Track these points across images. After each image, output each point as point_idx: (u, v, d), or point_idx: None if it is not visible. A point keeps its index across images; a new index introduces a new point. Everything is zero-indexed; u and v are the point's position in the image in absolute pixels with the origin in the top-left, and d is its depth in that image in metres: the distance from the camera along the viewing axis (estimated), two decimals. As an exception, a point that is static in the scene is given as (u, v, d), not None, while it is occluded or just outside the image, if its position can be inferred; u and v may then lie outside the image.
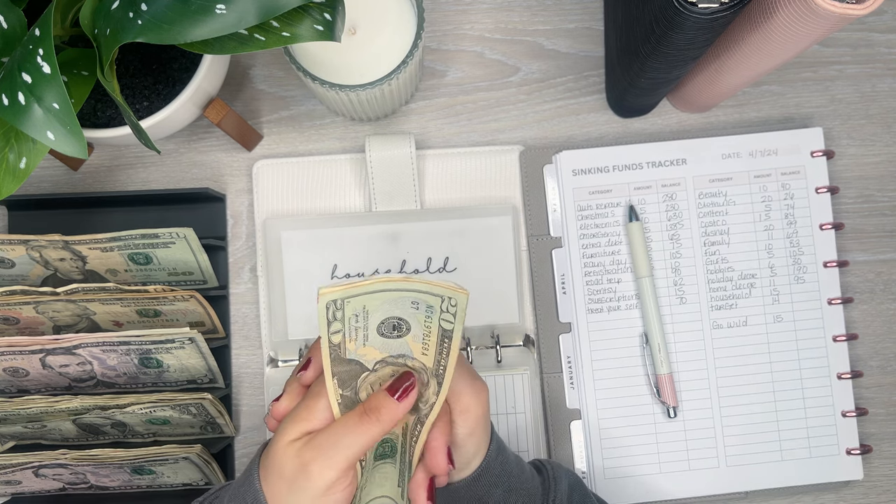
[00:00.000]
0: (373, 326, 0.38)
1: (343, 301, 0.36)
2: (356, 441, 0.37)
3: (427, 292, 0.37)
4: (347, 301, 0.36)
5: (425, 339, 0.39)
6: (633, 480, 0.56)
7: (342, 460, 0.36)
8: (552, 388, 0.57)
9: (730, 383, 0.56)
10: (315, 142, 0.60)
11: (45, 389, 0.53)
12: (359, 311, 0.37)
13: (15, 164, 0.40)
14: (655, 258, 0.57)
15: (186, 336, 0.49)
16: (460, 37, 0.61)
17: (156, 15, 0.38)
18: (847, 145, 0.60)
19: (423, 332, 0.39)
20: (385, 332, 0.38)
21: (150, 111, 0.50)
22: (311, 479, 0.36)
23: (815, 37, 0.43)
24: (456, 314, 0.38)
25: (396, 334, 0.39)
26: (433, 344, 0.39)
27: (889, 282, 0.59)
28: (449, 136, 0.60)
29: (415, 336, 0.39)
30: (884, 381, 0.59)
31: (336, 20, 0.42)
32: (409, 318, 0.38)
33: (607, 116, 0.60)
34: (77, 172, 0.59)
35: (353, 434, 0.37)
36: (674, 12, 0.41)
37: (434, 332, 0.39)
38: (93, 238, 0.50)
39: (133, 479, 0.53)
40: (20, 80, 0.37)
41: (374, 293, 0.36)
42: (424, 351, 0.40)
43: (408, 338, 0.39)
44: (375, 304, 0.37)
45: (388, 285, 0.36)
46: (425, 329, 0.39)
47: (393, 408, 0.38)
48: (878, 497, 0.58)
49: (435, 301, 0.37)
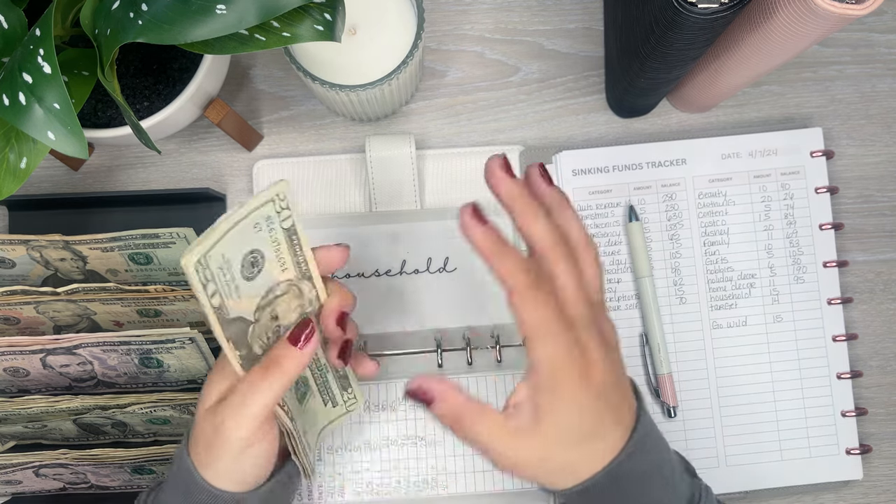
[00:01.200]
0: (237, 273, 0.38)
1: (205, 257, 0.36)
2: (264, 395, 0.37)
3: (257, 206, 0.38)
4: (209, 256, 0.36)
5: (278, 253, 0.40)
6: (633, 480, 0.56)
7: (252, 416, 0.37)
8: (552, 388, 0.57)
9: (730, 383, 0.56)
10: (315, 142, 0.60)
11: (46, 389, 0.54)
12: (221, 262, 0.37)
13: (15, 164, 0.40)
14: (655, 258, 0.57)
15: (187, 336, 0.49)
16: (460, 37, 0.61)
17: (156, 15, 0.38)
18: (847, 145, 0.60)
19: (274, 248, 0.39)
20: (248, 275, 0.39)
21: (151, 111, 0.50)
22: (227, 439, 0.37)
23: (815, 37, 0.43)
24: (288, 205, 0.39)
25: (257, 270, 0.39)
26: (286, 251, 0.40)
27: (889, 282, 0.60)
28: (449, 136, 0.60)
29: (270, 260, 0.39)
30: (883, 380, 0.59)
31: (336, 20, 0.42)
32: (260, 245, 0.39)
33: (607, 116, 0.60)
34: (77, 172, 0.59)
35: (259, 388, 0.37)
36: (674, 12, 0.41)
37: (282, 240, 0.39)
38: (93, 238, 0.51)
39: (133, 479, 0.53)
40: (21, 80, 0.37)
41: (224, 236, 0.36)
42: (283, 267, 0.40)
43: (266, 266, 0.39)
44: (229, 247, 0.37)
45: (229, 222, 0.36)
46: (274, 244, 0.39)
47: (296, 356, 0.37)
48: (878, 497, 0.58)
49: (268, 209, 0.38)
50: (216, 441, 0.37)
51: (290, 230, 0.40)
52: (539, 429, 0.34)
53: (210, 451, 0.38)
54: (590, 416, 0.34)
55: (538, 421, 0.34)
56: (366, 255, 0.57)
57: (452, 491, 0.55)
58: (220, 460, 0.38)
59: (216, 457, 0.38)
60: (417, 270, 0.57)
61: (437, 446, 0.55)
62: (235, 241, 0.37)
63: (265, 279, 0.40)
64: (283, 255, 0.40)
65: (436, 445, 0.55)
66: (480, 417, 0.35)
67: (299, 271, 0.41)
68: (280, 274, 0.40)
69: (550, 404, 0.34)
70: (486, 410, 0.35)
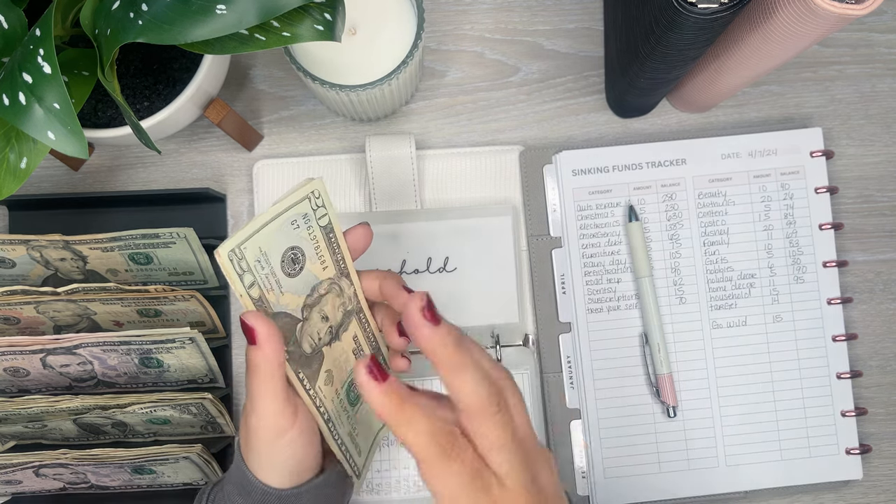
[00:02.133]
0: (278, 269, 0.38)
1: (240, 248, 0.36)
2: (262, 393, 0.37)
3: (293, 204, 0.38)
4: (244, 247, 0.36)
5: (318, 251, 0.40)
6: (633, 480, 0.56)
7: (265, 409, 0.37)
8: (552, 388, 0.57)
9: (729, 383, 0.57)
10: (315, 142, 0.60)
11: (46, 389, 0.54)
12: (258, 255, 0.37)
13: (15, 164, 0.40)
14: (655, 258, 0.57)
15: (187, 336, 0.49)
16: (460, 37, 0.61)
17: (156, 15, 0.38)
18: (847, 145, 0.60)
19: (314, 246, 0.40)
20: (290, 271, 0.39)
21: (151, 111, 0.50)
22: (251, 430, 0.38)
23: (815, 37, 0.43)
24: (324, 202, 0.40)
25: (298, 267, 0.39)
26: (325, 249, 0.40)
27: (888, 282, 0.60)
28: (449, 136, 0.60)
29: (311, 258, 0.40)
30: (883, 380, 0.59)
31: (336, 20, 0.42)
32: (298, 243, 0.39)
33: (607, 116, 0.60)
34: (77, 172, 0.59)
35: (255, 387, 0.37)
36: (673, 12, 0.41)
37: (320, 237, 0.40)
38: (93, 238, 0.51)
39: (133, 479, 0.53)
40: (21, 80, 0.37)
41: (261, 230, 0.37)
42: (324, 265, 0.41)
43: (308, 265, 0.40)
44: (267, 241, 0.37)
45: (265, 218, 0.37)
46: (313, 242, 0.40)
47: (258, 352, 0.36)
48: (878, 497, 0.58)
49: (304, 206, 0.39)
50: (249, 436, 0.39)
51: (327, 227, 0.40)
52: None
53: (248, 448, 0.39)
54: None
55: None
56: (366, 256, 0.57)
57: (452, 491, 0.55)
58: (257, 453, 0.39)
59: (254, 450, 0.39)
60: (417, 270, 0.57)
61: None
62: (274, 235, 0.38)
63: (308, 277, 0.40)
64: (323, 252, 0.41)
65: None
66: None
67: (338, 269, 0.42)
68: (322, 272, 0.41)
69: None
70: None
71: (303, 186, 0.38)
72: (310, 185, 0.39)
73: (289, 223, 0.38)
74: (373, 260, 0.57)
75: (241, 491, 0.40)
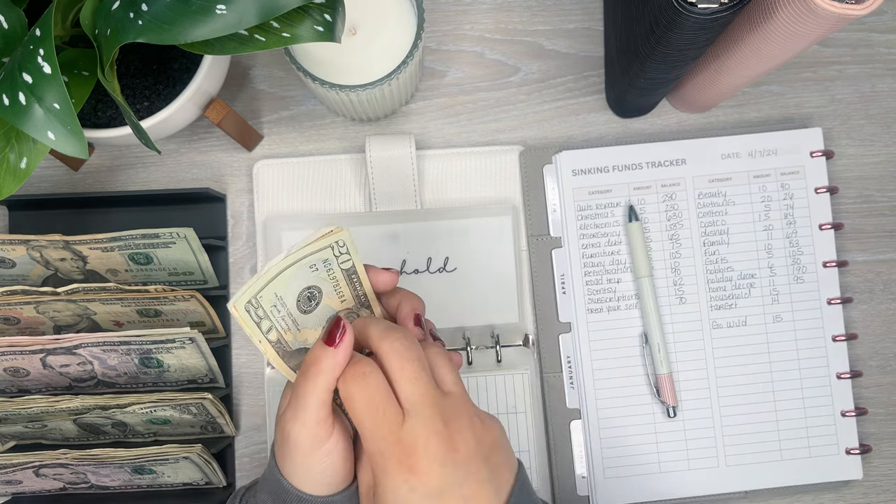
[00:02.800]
0: (293, 308, 0.39)
1: (256, 298, 0.37)
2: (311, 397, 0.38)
3: (314, 252, 0.38)
4: (260, 296, 0.37)
5: (338, 289, 0.41)
6: (633, 480, 0.56)
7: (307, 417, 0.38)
8: (552, 388, 0.57)
9: (729, 383, 0.56)
10: (315, 142, 0.60)
11: (46, 389, 0.54)
12: (274, 300, 0.38)
13: (15, 164, 0.40)
14: (655, 258, 0.57)
15: (187, 336, 0.49)
16: (460, 37, 0.61)
17: (156, 15, 0.38)
18: (846, 145, 0.60)
19: (333, 285, 0.40)
20: (306, 309, 0.40)
21: (151, 111, 0.50)
22: (293, 442, 0.38)
23: (815, 37, 0.43)
24: (348, 250, 0.40)
25: (315, 304, 0.40)
26: (345, 287, 0.41)
27: (888, 282, 0.60)
28: (449, 136, 0.60)
29: (328, 294, 0.41)
30: (883, 380, 0.59)
31: (336, 21, 0.42)
32: (316, 282, 0.39)
33: (607, 116, 0.60)
34: (77, 172, 0.59)
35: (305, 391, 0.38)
36: (673, 12, 0.41)
37: (340, 278, 0.40)
38: (93, 238, 0.51)
39: (133, 479, 0.53)
40: (21, 80, 0.37)
41: (276, 278, 0.37)
42: (342, 299, 0.41)
43: (325, 300, 0.40)
44: (283, 286, 0.38)
45: (281, 265, 0.37)
46: (333, 282, 0.40)
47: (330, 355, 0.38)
48: (878, 497, 0.58)
49: (326, 253, 0.39)
50: (286, 446, 0.39)
51: (349, 270, 0.41)
52: None
53: (284, 456, 0.39)
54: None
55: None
56: (366, 256, 0.57)
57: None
58: (295, 463, 0.39)
59: (291, 460, 0.39)
60: (417, 270, 0.57)
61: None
62: (290, 281, 0.38)
63: (324, 310, 0.41)
64: (342, 289, 0.41)
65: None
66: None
67: (358, 302, 0.42)
68: (339, 304, 0.41)
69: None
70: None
71: (327, 235, 0.38)
72: (335, 234, 0.39)
73: (307, 267, 0.39)
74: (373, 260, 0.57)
75: (276, 499, 0.40)
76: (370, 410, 0.37)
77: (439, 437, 0.36)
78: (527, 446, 0.56)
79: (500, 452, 0.39)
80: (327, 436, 0.38)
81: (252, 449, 0.57)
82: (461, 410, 0.38)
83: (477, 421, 0.38)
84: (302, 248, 0.38)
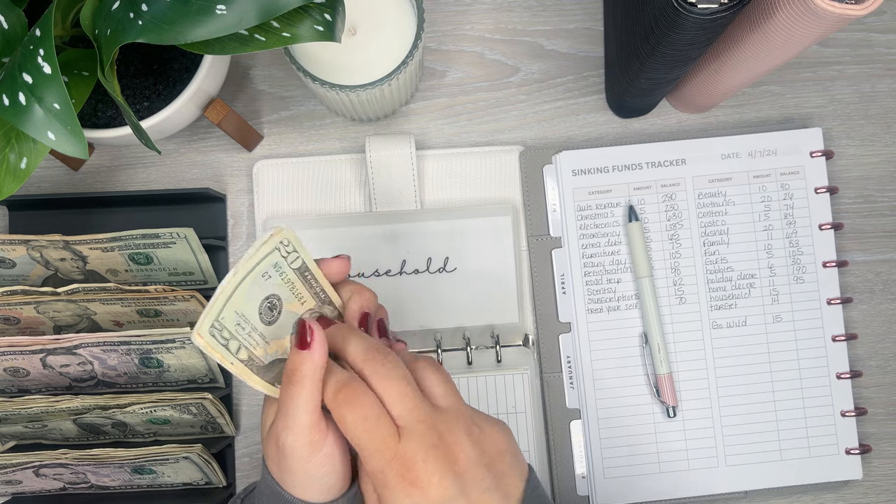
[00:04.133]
0: (257, 323, 0.39)
1: (218, 321, 0.36)
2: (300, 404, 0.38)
3: (262, 259, 0.38)
4: (222, 318, 0.36)
5: (295, 291, 0.40)
6: (633, 480, 0.56)
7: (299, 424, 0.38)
8: (552, 388, 0.57)
9: (729, 383, 0.57)
10: (315, 142, 0.60)
11: (46, 389, 0.54)
12: (237, 319, 0.37)
13: (16, 165, 0.40)
14: (655, 258, 0.57)
15: (187, 336, 0.49)
16: (460, 37, 0.61)
17: (156, 15, 0.38)
18: (846, 145, 0.60)
19: (289, 288, 0.40)
20: (268, 320, 0.39)
21: (151, 111, 0.50)
22: (289, 452, 0.38)
23: (815, 37, 0.43)
24: (294, 248, 0.39)
25: (276, 314, 0.40)
26: (301, 287, 0.40)
27: (888, 282, 0.60)
28: (449, 136, 0.60)
29: (287, 300, 0.40)
30: (883, 380, 0.59)
31: (336, 20, 0.42)
32: (273, 290, 0.39)
33: (607, 116, 0.60)
34: (77, 172, 0.59)
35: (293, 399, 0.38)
36: (673, 13, 0.42)
37: (295, 279, 0.40)
38: (93, 238, 0.51)
39: (133, 479, 0.53)
40: (21, 80, 0.37)
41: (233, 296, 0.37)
42: (302, 301, 0.41)
43: (286, 307, 0.40)
44: (241, 303, 0.37)
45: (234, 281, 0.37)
46: (289, 285, 0.40)
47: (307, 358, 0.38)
48: (878, 497, 0.58)
49: (274, 257, 0.38)
50: (281, 457, 0.39)
51: (301, 268, 0.40)
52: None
53: (283, 469, 0.39)
54: None
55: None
56: (366, 256, 0.57)
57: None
58: (294, 473, 0.39)
59: (290, 472, 0.39)
60: (417, 270, 0.57)
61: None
62: (246, 295, 0.37)
63: (287, 318, 0.40)
64: (299, 290, 0.40)
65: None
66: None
67: (319, 300, 0.42)
68: (300, 307, 0.41)
69: None
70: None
71: (270, 238, 0.38)
72: (278, 235, 0.38)
73: (260, 277, 0.38)
74: (373, 260, 0.57)
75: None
76: (365, 430, 0.36)
77: (436, 450, 0.36)
78: (527, 446, 0.56)
79: (506, 459, 0.38)
80: (322, 439, 0.38)
81: (252, 449, 0.57)
82: (457, 422, 0.38)
83: (476, 430, 0.38)
84: (249, 258, 0.37)
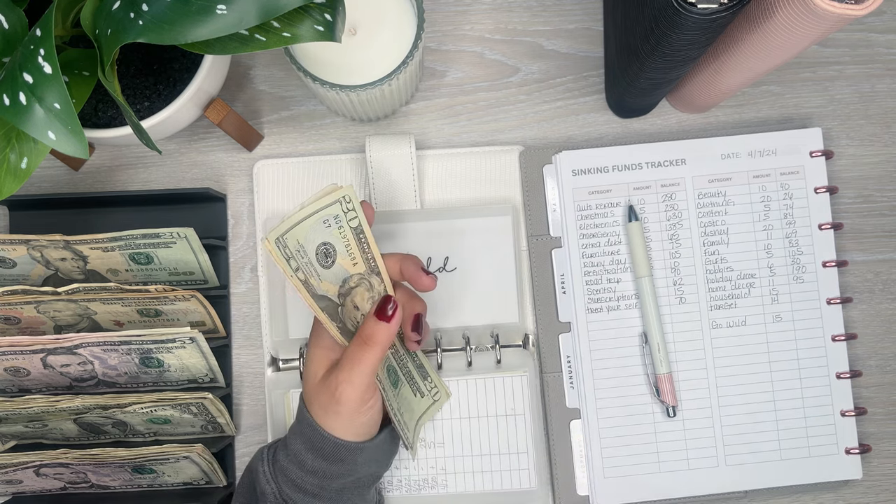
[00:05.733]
0: (314, 260, 0.44)
1: (282, 238, 0.42)
2: (366, 365, 0.45)
3: (326, 206, 0.44)
4: (286, 238, 0.42)
5: (349, 249, 0.46)
6: (633, 480, 0.56)
7: (360, 381, 0.45)
8: (552, 388, 0.57)
9: (729, 383, 0.57)
10: (315, 142, 0.60)
11: (47, 389, 0.54)
12: (297, 246, 0.43)
13: (16, 164, 0.41)
14: (655, 258, 0.57)
15: (187, 336, 0.49)
16: (460, 37, 0.61)
17: (157, 15, 0.38)
18: (846, 145, 0.60)
19: (344, 244, 0.45)
20: (324, 264, 0.45)
21: (151, 111, 0.50)
22: (342, 401, 0.45)
23: (814, 37, 0.43)
24: (354, 206, 0.45)
25: (331, 262, 0.45)
26: (355, 248, 0.46)
27: (888, 282, 0.60)
28: (449, 136, 0.60)
29: (342, 254, 0.45)
30: (883, 380, 0.59)
31: (336, 20, 0.42)
32: (330, 239, 0.45)
33: (607, 117, 0.60)
34: (78, 172, 0.59)
35: (362, 359, 0.45)
36: (673, 12, 0.42)
37: (350, 237, 0.45)
38: (94, 238, 0.51)
39: (134, 479, 0.53)
40: (21, 80, 0.37)
41: (296, 226, 0.43)
42: (354, 261, 0.46)
43: (339, 260, 0.45)
44: (302, 235, 0.43)
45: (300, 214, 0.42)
46: (344, 241, 0.45)
47: (384, 329, 0.46)
48: (878, 496, 0.58)
49: (335, 209, 0.44)
50: (333, 404, 0.46)
51: (357, 230, 0.45)
52: None
53: (328, 412, 0.46)
54: None
55: None
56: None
57: (452, 490, 0.55)
58: (339, 419, 0.46)
59: (335, 416, 0.46)
60: (417, 270, 0.57)
61: (438, 447, 0.55)
62: (308, 231, 0.43)
63: (339, 270, 0.45)
64: (353, 250, 0.45)
65: (436, 447, 0.55)
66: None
67: (368, 267, 0.46)
68: (352, 267, 0.46)
69: None
70: None
71: (334, 191, 0.43)
72: (341, 190, 0.43)
73: (321, 221, 0.44)
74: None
75: (311, 447, 0.46)
76: None
77: None
78: (526, 447, 0.56)
79: None
80: (373, 395, 0.46)
81: (252, 448, 0.57)
82: None
83: None
84: (314, 201, 0.42)
